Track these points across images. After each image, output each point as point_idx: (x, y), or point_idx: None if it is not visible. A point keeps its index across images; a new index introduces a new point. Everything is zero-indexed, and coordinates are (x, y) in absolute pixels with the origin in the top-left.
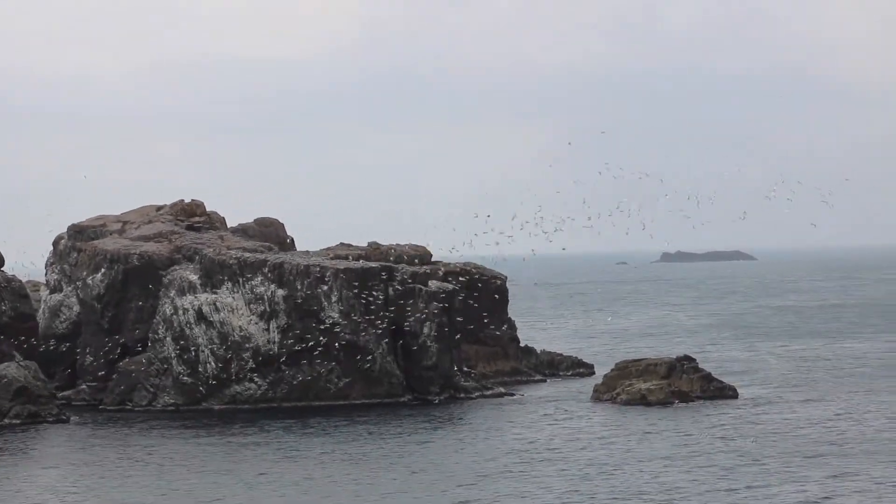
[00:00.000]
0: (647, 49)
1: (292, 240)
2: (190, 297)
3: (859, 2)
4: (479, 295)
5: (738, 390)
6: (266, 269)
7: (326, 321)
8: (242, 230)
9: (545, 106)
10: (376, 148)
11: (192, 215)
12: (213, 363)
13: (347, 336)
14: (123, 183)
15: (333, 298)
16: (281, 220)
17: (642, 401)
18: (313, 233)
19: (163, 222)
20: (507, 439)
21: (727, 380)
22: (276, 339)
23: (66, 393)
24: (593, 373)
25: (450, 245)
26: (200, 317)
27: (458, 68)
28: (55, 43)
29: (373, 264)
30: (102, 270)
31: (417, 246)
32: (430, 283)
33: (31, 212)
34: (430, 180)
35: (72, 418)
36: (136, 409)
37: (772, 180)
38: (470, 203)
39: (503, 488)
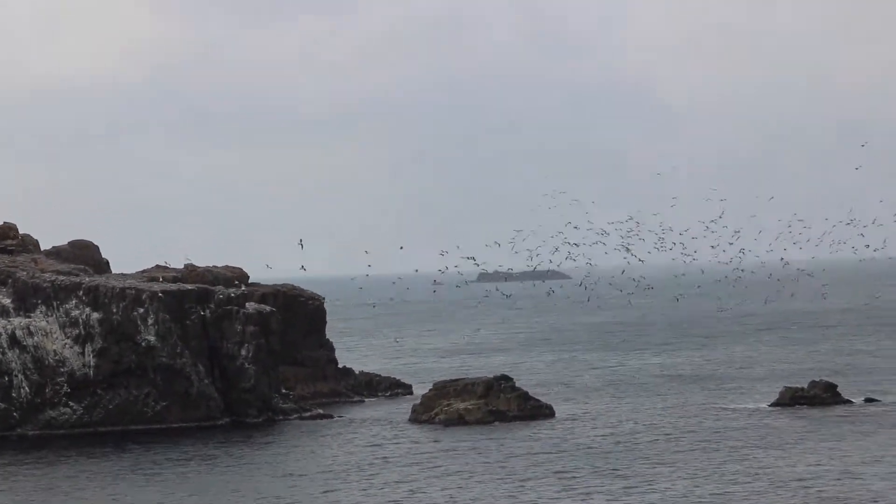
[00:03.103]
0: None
1: (107, 262)
2: (2, 321)
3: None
4: (296, 316)
5: (554, 408)
6: (81, 293)
7: (143, 344)
8: (56, 253)
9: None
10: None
11: (4, 238)
12: (26, 388)
13: (164, 359)
14: None
15: (150, 321)
16: (96, 243)
17: (460, 421)
18: (129, 255)
19: None
20: (320, 461)
21: (543, 398)
22: (92, 363)
23: None
24: (412, 393)
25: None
26: (14, 341)
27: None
28: None
29: (189, 287)
30: None
31: (234, 268)
32: (247, 304)
33: None
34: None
35: None
36: None
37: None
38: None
39: None
